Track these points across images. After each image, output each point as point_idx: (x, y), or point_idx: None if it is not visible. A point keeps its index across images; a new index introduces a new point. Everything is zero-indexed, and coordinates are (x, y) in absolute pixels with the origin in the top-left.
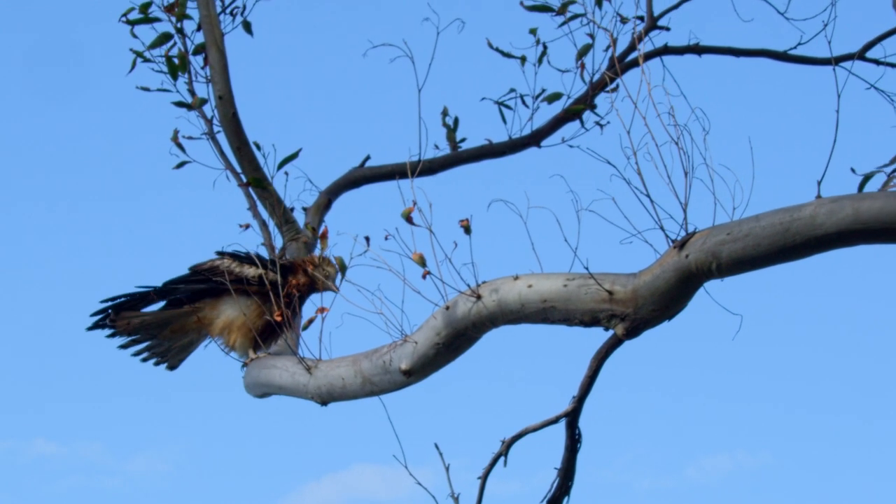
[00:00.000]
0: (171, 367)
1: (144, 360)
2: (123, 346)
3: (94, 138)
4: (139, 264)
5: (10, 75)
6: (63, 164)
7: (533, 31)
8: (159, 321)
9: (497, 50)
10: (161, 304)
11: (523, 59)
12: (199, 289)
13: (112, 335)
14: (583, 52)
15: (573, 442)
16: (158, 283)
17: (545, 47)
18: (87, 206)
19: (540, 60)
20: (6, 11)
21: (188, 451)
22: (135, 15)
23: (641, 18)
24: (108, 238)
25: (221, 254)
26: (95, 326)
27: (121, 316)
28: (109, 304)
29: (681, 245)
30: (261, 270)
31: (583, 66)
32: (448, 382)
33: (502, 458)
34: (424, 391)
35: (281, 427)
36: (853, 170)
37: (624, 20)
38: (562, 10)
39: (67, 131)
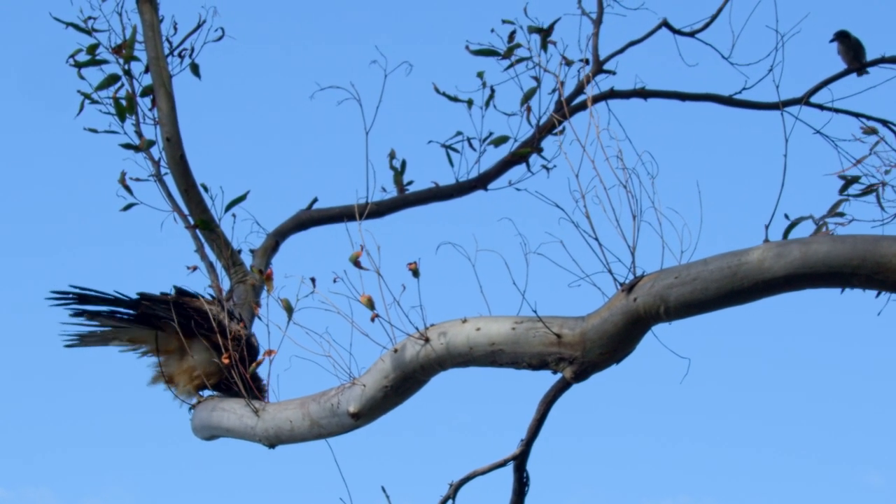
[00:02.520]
0: (68, 346)
1: (63, 334)
2: (72, 316)
3: (40, 179)
4: None
5: None
6: (6, 206)
7: (480, 75)
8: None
9: (444, 94)
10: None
11: (470, 103)
12: (180, 322)
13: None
14: (529, 95)
15: (521, 485)
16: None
17: (492, 90)
18: (32, 248)
19: (487, 104)
20: None
21: (136, 495)
22: (82, 57)
23: (586, 61)
24: (54, 281)
25: (209, 296)
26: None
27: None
28: (78, 290)
29: (629, 288)
30: (244, 332)
31: (529, 110)
32: (396, 425)
33: (450, 502)
34: (372, 434)
35: (228, 470)
36: (786, 216)
37: (568, 62)
38: (507, 54)
39: (11, 173)
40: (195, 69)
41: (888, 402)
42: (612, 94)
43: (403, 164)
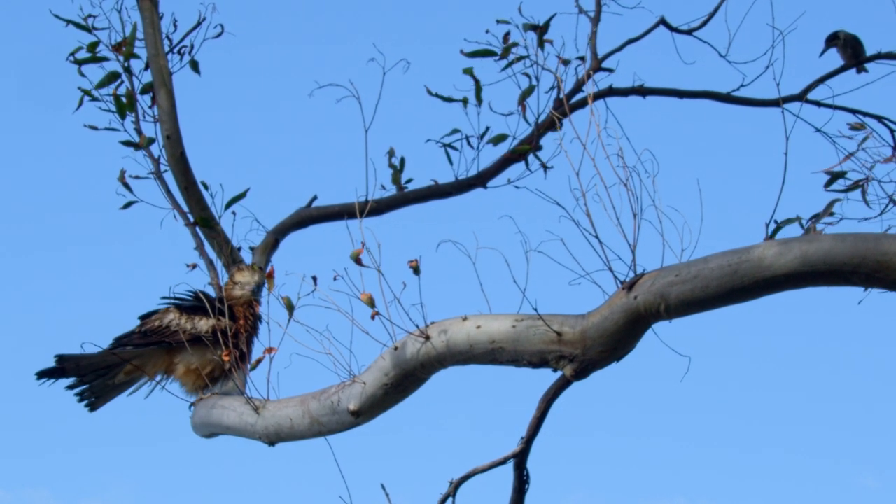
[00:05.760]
0: (93, 409)
1: (80, 399)
2: (70, 387)
3: (40, 177)
4: (85, 305)
5: None
6: (5, 204)
7: (469, 72)
8: (107, 363)
9: (437, 95)
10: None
11: (465, 101)
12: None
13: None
14: (526, 93)
15: (521, 483)
16: (105, 332)
17: (478, 83)
18: (31, 247)
19: (478, 97)
20: None
21: (136, 495)
22: (83, 54)
23: (583, 59)
24: (54, 279)
25: (168, 305)
26: (45, 375)
27: (65, 359)
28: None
29: (629, 286)
30: (213, 321)
31: (524, 108)
32: (396, 423)
33: (450, 499)
34: (372, 432)
35: (228, 468)
36: (775, 221)
37: (565, 62)
38: (504, 54)
39: (10, 171)
40: (195, 66)
41: (885, 403)
42: (611, 92)
43: (402, 161)
